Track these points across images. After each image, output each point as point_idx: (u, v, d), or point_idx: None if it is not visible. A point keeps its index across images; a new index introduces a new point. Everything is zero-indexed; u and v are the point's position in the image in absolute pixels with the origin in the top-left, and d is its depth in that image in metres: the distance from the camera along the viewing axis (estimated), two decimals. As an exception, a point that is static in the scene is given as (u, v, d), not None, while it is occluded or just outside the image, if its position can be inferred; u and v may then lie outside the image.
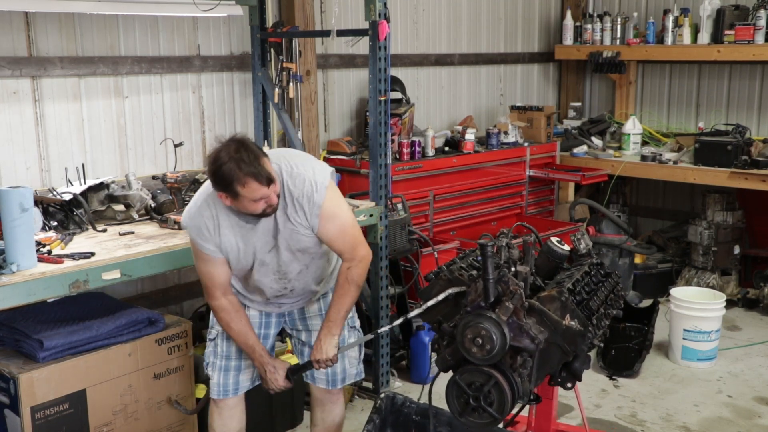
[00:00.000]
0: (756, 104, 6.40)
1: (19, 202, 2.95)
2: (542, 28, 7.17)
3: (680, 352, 4.92)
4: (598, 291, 2.97)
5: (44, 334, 3.22)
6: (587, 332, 2.67)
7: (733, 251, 5.95)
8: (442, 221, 5.55)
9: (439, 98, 6.31)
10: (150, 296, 4.50)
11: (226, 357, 3.14)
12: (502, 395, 2.60)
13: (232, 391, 3.18)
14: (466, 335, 2.61)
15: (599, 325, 2.84)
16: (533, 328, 2.63)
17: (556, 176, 6.24)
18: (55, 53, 4.02)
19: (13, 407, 3.15)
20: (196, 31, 4.62)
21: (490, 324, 2.57)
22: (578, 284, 2.90)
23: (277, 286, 3.03)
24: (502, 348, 2.57)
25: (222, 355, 3.15)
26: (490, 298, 2.64)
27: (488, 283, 2.64)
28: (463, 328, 2.62)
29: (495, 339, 2.56)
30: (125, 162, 4.32)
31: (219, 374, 3.16)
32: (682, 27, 6.19)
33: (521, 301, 2.64)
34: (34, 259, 3.03)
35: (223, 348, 3.14)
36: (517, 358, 2.64)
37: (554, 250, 3.07)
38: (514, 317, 2.63)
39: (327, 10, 5.23)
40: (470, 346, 2.60)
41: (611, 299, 3.05)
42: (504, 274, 2.67)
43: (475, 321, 2.59)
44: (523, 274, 2.77)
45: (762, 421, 4.22)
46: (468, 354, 2.62)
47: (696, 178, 5.81)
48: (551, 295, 2.72)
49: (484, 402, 2.62)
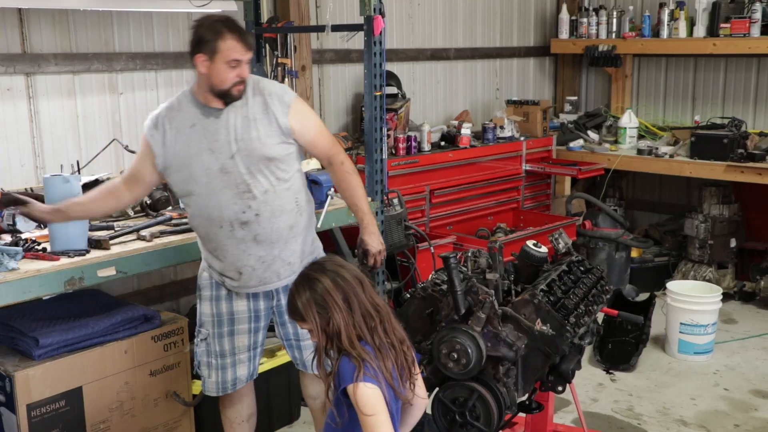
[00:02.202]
0: (752, 97, 6.40)
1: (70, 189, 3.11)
2: (538, 22, 7.16)
3: (677, 345, 4.92)
4: (575, 288, 2.93)
5: (40, 332, 3.21)
6: (564, 333, 2.64)
7: (730, 244, 5.96)
8: (439, 216, 5.55)
9: (435, 93, 6.30)
10: (146, 293, 4.49)
11: (221, 355, 3.13)
12: (487, 408, 2.58)
13: (230, 387, 3.18)
14: (441, 351, 2.59)
15: (579, 323, 2.80)
16: (510, 336, 2.60)
17: (552, 170, 6.24)
18: (49, 50, 4.00)
19: (9, 405, 3.15)
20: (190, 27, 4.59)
21: (464, 337, 2.55)
22: (554, 284, 2.87)
23: (240, 203, 2.87)
24: (479, 360, 2.55)
25: (216, 354, 3.13)
26: (461, 311, 2.61)
27: (456, 296, 2.61)
28: (438, 344, 2.60)
29: (470, 352, 2.54)
30: (120, 158, 4.30)
31: (217, 373, 3.15)
32: (678, 20, 6.19)
33: (493, 309, 2.60)
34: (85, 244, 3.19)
35: (216, 347, 3.13)
36: (500, 367, 2.61)
37: (531, 253, 3.00)
38: (488, 327, 2.60)
39: (322, 5, 5.22)
40: (447, 361, 2.59)
41: (594, 294, 3.02)
42: (472, 284, 2.64)
43: (448, 335, 2.58)
44: (493, 282, 2.71)
45: (758, 413, 4.23)
46: (446, 369, 2.60)
47: (692, 172, 5.81)
48: (524, 299, 2.69)
49: (470, 417, 2.60)
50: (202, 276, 3.13)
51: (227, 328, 3.11)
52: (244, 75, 2.83)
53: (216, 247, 2.99)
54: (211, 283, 3.10)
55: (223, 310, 3.09)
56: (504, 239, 5.23)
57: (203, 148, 2.87)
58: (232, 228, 2.92)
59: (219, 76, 2.79)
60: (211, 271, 3.08)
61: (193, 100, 2.91)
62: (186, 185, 2.93)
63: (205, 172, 2.88)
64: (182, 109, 2.92)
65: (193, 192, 2.93)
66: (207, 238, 3.01)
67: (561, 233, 3.21)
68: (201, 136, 2.87)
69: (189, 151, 2.88)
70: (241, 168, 2.87)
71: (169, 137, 2.89)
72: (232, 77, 2.80)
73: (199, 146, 2.87)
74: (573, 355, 2.81)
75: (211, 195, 2.89)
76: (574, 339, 2.78)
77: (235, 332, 3.11)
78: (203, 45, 2.78)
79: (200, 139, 2.87)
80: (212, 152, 2.87)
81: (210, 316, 3.11)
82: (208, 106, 2.89)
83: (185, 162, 2.89)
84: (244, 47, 2.79)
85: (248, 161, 2.88)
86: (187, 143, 2.88)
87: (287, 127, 2.92)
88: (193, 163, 2.88)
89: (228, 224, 2.92)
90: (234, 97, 2.85)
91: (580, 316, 2.83)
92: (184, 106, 2.92)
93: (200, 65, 2.81)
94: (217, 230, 2.94)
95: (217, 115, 2.88)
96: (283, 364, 3.95)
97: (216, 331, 3.11)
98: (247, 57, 2.82)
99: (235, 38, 2.77)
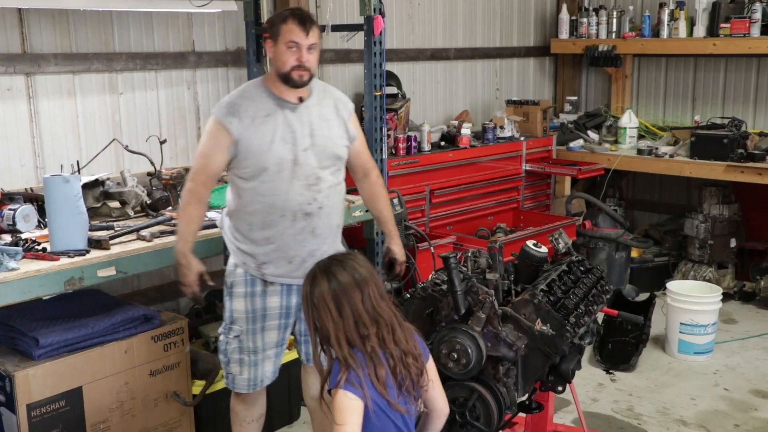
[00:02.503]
0: (752, 97, 6.40)
1: (70, 189, 3.14)
2: (538, 22, 7.16)
3: (677, 345, 4.92)
4: (575, 288, 2.93)
5: (40, 332, 3.21)
6: (564, 333, 2.64)
7: (730, 244, 5.96)
8: (439, 216, 5.55)
9: (435, 93, 6.30)
10: (146, 293, 4.49)
11: (254, 351, 3.13)
12: (487, 408, 2.58)
13: (260, 384, 3.19)
14: (441, 351, 2.59)
15: (579, 323, 2.80)
16: (510, 336, 2.60)
17: (552, 170, 6.24)
18: (49, 50, 4.00)
19: (9, 405, 3.15)
20: (190, 26, 4.61)
21: (464, 337, 2.55)
22: (554, 284, 2.87)
23: (307, 194, 3.00)
24: (479, 360, 2.55)
25: (249, 350, 3.13)
26: (461, 311, 2.61)
27: (457, 296, 2.61)
28: (438, 345, 2.60)
29: (470, 352, 2.54)
30: (120, 158, 4.30)
31: (250, 369, 3.15)
32: (678, 20, 6.19)
33: (493, 309, 2.60)
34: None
35: (249, 344, 3.12)
36: (500, 367, 2.61)
37: (531, 253, 3.01)
38: (488, 327, 2.60)
39: (322, 5, 5.21)
40: (446, 361, 2.59)
41: (594, 294, 3.01)
42: (472, 284, 2.64)
43: (448, 336, 2.58)
44: (493, 282, 2.72)
45: (758, 413, 4.23)
46: (446, 369, 2.60)
47: (692, 172, 5.81)
48: (524, 299, 2.69)
49: (470, 417, 2.60)
50: (236, 273, 3.11)
51: (260, 324, 3.12)
52: (303, 60, 2.92)
53: (270, 236, 3.03)
54: (246, 280, 3.10)
55: (257, 306, 3.11)
56: (504, 239, 5.23)
57: (277, 138, 2.96)
58: (294, 218, 3.00)
59: (280, 58, 2.93)
60: (247, 266, 3.08)
61: (266, 91, 3.02)
62: (255, 172, 2.98)
63: (278, 161, 2.96)
64: (256, 98, 3.00)
65: (261, 180, 2.98)
66: (263, 225, 3.03)
67: (561, 233, 3.21)
68: (277, 127, 2.96)
69: (264, 139, 2.95)
70: (313, 161, 3.00)
71: (245, 124, 2.95)
72: (292, 60, 2.91)
73: (273, 136, 2.95)
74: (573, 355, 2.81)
75: (280, 184, 2.97)
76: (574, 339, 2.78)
77: (265, 328, 3.13)
78: (270, 30, 2.97)
79: (276, 129, 2.96)
80: (286, 143, 2.96)
81: (244, 312, 3.11)
82: (282, 99, 3.00)
83: (259, 149, 2.95)
84: (302, 31, 2.91)
85: (320, 156, 3.02)
86: (262, 132, 2.95)
87: (353, 132, 3.17)
88: (266, 152, 2.95)
89: (291, 214, 3.00)
90: (295, 81, 2.95)
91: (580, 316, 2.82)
92: (257, 96, 3.01)
93: (268, 50, 2.99)
94: (277, 219, 3.00)
95: (293, 108, 3.01)
96: (283, 364, 3.94)
97: (250, 327, 3.11)
98: (307, 42, 2.92)
99: (296, 22, 2.90)
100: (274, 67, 2.99)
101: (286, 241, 3.03)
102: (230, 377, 3.20)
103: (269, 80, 3.05)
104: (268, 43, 2.99)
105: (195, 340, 4.01)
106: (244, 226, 3.07)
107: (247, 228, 3.06)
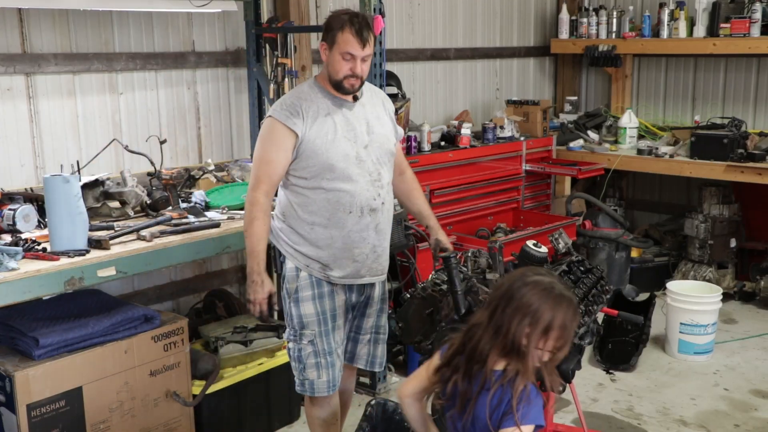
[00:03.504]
0: (752, 97, 6.40)
1: (70, 189, 3.15)
2: (538, 22, 7.16)
3: (677, 345, 4.92)
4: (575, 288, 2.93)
5: (40, 332, 3.21)
6: None
7: (730, 244, 5.96)
8: (439, 216, 5.46)
9: (435, 93, 6.30)
10: (146, 293, 4.49)
11: (329, 353, 3.12)
12: None
13: (337, 384, 3.19)
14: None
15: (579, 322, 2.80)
16: None
17: (552, 170, 6.24)
18: (49, 50, 4.00)
19: (9, 405, 3.15)
20: (190, 26, 4.61)
21: None
22: None
23: (372, 190, 3.04)
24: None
25: (325, 352, 3.12)
26: (462, 311, 2.61)
27: (457, 296, 2.60)
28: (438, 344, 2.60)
29: None
30: (120, 158, 4.30)
31: (328, 372, 3.13)
32: (678, 20, 6.18)
33: None
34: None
35: (324, 346, 3.11)
36: None
37: (531, 253, 2.99)
38: None
39: (322, 5, 5.22)
40: None
41: (594, 294, 3.01)
42: (472, 284, 2.64)
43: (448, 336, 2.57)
44: (493, 282, 2.72)
45: (758, 413, 4.23)
46: None
47: (692, 172, 5.81)
48: None
49: None
50: (300, 277, 3.09)
51: (330, 324, 3.12)
52: (357, 71, 2.96)
53: (334, 235, 3.04)
54: (312, 282, 3.09)
55: (326, 307, 3.11)
56: (504, 239, 5.22)
57: (340, 136, 2.99)
58: (361, 214, 3.04)
59: (334, 66, 2.97)
60: (311, 268, 3.07)
61: (322, 90, 3.04)
62: (319, 171, 2.99)
63: (343, 158, 2.98)
64: (313, 99, 3.01)
65: (326, 178, 2.99)
66: (326, 224, 3.04)
67: (561, 233, 3.21)
68: (338, 125, 3.00)
69: (327, 138, 2.98)
70: (373, 158, 3.07)
71: (308, 125, 2.97)
72: (345, 69, 2.95)
73: (335, 134, 2.98)
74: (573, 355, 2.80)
75: (346, 180, 3.00)
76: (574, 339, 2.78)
77: (335, 327, 3.14)
78: (327, 34, 2.98)
79: (337, 127, 2.99)
80: (348, 141, 3.00)
81: (315, 315, 3.10)
82: (339, 98, 3.03)
83: (323, 148, 2.97)
84: (359, 43, 2.92)
85: (378, 153, 3.08)
86: (325, 131, 2.98)
87: (400, 131, 3.26)
88: (331, 150, 2.97)
89: (358, 209, 3.03)
90: (346, 89, 2.99)
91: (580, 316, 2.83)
92: (314, 97, 3.02)
93: (322, 52, 3.01)
94: (343, 216, 3.02)
95: (350, 107, 3.06)
96: (283, 364, 3.96)
97: (322, 329, 3.10)
98: (363, 54, 2.94)
99: (353, 33, 2.91)
100: (327, 71, 3.01)
101: (352, 238, 3.05)
102: (307, 383, 3.15)
103: (322, 80, 3.06)
104: (322, 45, 3.00)
105: (195, 340, 4.01)
106: (304, 228, 3.06)
107: (308, 229, 3.06)
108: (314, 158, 2.97)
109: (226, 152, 4.86)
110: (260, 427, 3.99)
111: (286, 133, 2.96)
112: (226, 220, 3.69)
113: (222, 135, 4.84)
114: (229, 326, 4.04)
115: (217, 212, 3.80)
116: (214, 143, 4.80)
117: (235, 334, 3.95)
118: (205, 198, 3.97)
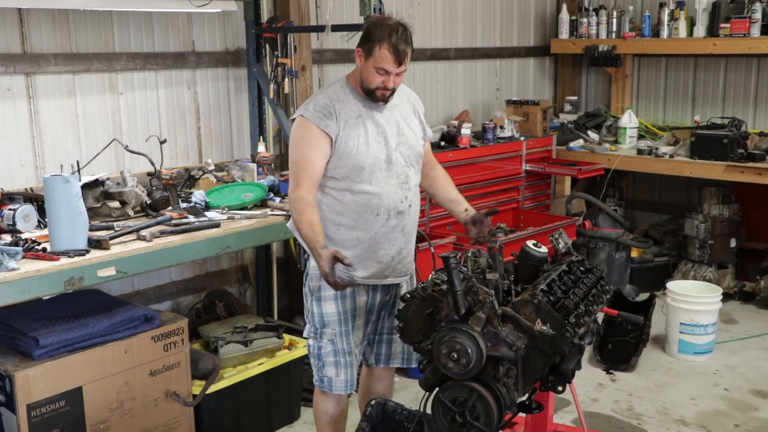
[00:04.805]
0: (752, 97, 6.40)
1: (70, 189, 3.14)
2: (538, 22, 7.16)
3: (677, 345, 4.92)
4: (575, 288, 2.93)
5: (40, 332, 3.21)
6: (564, 333, 2.64)
7: (730, 244, 5.96)
8: (439, 216, 5.54)
9: (435, 93, 6.30)
10: (146, 293, 4.49)
11: (348, 353, 3.14)
12: (487, 408, 2.57)
13: (355, 383, 3.21)
14: (441, 351, 2.58)
15: (579, 323, 2.79)
16: (510, 336, 2.59)
17: (552, 170, 6.24)
18: (49, 50, 4.00)
19: (9, 405, 3.15)
20: (190, 26, 4.61)
21: (464, 337, 2.54)
22: (554, 284, 2.86)
23: (400, 192, 3.07)
24: (479, 360, 2.54)
25: (345, 352, 3.13)
26: (461, 311, 2.60)
27: (457, 296, 2.60)
28: (438, 344, 2.59)
29: (470, 352, 2.53)
30: (120, 158, 4.30)
31: (346, 371, 3.15)
32: (678, 20, 6.19)
33: (493, 309, 2.59)
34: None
35: (343, 345, 3.13)
36: (499, 367, 2.60)
37: (531, 253, 2.98)
38: (488, 327, 2.59)
39: (322, 5, 5.22)
40: (447, 361, 2.58)
41: (594, 294, 3.01)
42: (473, 284, 2.64)
43: (448, 335, 2.56)
44: (493, 282, 2.71)
45: (758, 413, 4.23)
46: (446, 369, 2.58)
47: (692, 172, 5.81)
48: (524, 299, 2.68)
49: (470, 417, 2.59)
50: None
51: (351, 324, 3.14)
52: (389, 85, 2.98)
53: (360, 236, 3.05)
54: None
55: (348, 307, 3.12)
56: (504, 239, 5.22)
57: (371, 138, 3.01)
58: (388, 216, 3.07)
59: (367, 76, 2.98)
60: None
61: (353, 92, 3.07)
62: (349, 173, 3.01)
63: (373, 160, 3.01)
64: (345, 100, 3.03)
65: (355, 179, 3.01)
66: (353, 225, 3.05)
67: (561, 233, 3.21)
68: (368, 127, 3.02)
69: (359, 139, 3.00)
70: (402, 160, 3.09)
71: (341, 126, 2.99)
72: (378, 81, 2.97)
73: (366, 136, 3.00)
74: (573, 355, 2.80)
75: (375, 183, 3.02)
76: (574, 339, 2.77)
77: (356, 327, 3.16)
78: (365, 42, 2.96)
79: (368, 129, 3.02)
80: (379, 143, 3.03)
81: (336, 314, 3.11)
82: (369, 100, 3.03)
83: (354, 149, 2.99)
84: (395, 61, 2.92)
85: (407, 155, 3.11)
86: (357, 132, 3.00)
87: (429, 131, 3.27)
88: (362, 151, 2.99)
89: (385, 212, 3.06)
90: (377, 98, 3.02)
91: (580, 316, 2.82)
92: (345, 98, 3.03)
93: (357, 58, 3.01)
94: (371, 218, 3.05)
95: (380, 109, 3.07)
96: (283, 364, 3.96)
97: (343, 329, 3.12)
98: (397, 70, 2.96)
99: (391, 50, 2.90)
100: (360, 75, 3.02)
101: (378, 240, 3.07)
102: (326, 380, 3.17)
103: (354, 82, 3.07)
104: (358, 51, 2.99)
105: (195, 340, 4.01)
106: (330, 228, 3.07)
107: (334, 229, 3.07)
108: (345, 160, 2.99)
109: (226, 152, 4.86)
110: (260, 427, 3.99)
111: (320, 135, 2.97)
112: (226, 220, 3.69)
113: (222, 135, 4.84)
114: (229, 326, 4.05)
115: (217, 212, 3.80)
116: (214, 143, 4.80)
117: (235, 334, 3.95)
118: (205, 198, 3.97)
